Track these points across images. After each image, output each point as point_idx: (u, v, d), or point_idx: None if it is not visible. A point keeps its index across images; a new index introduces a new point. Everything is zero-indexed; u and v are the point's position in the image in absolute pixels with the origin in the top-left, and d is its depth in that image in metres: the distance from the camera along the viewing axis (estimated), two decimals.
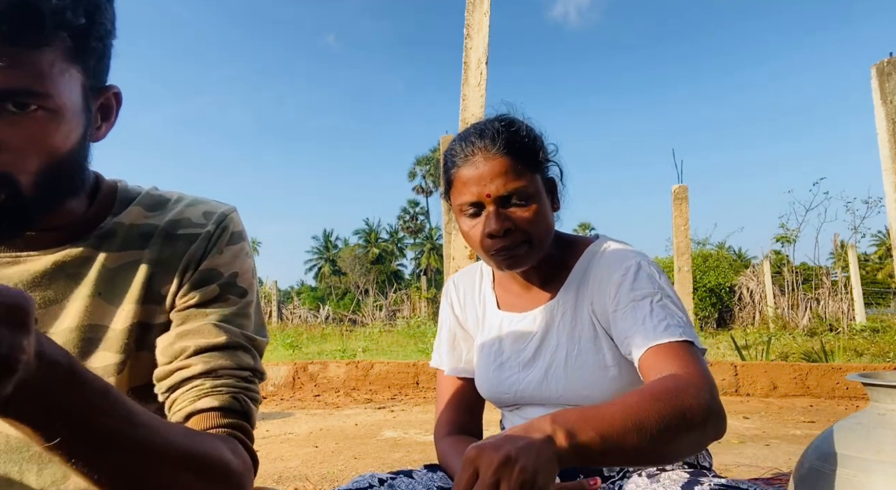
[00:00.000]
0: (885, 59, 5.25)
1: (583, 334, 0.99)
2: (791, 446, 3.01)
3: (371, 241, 48.73)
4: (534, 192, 0.96)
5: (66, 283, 0.72)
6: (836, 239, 13.04)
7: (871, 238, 35.47)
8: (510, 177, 0.94)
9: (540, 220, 0.96)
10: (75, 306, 0.72)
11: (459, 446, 1.04)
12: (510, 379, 1.04)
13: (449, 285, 1.20)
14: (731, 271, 14.57)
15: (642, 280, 0.93)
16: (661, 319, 0.88)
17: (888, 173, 5.15)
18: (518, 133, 0.97)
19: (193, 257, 0.76)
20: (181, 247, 0.76)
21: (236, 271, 0.78)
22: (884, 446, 0.66)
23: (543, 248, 0.99)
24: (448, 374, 1.14)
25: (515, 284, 1.10)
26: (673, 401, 0.72)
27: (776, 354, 6.54)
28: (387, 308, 16.52)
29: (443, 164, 1.03)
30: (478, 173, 0.95)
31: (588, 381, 0.97)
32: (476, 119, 4.50)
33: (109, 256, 0.74)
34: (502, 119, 1.00)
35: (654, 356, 0.85)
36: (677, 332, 0.86)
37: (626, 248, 1.02)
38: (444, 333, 1.18)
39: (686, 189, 7.61)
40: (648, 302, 0.90)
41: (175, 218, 0.78)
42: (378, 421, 4.03)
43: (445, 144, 6.94)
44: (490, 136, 0.96)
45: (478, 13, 4.49)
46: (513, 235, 0.95)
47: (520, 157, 0.96)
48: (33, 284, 0.71)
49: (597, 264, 1.01)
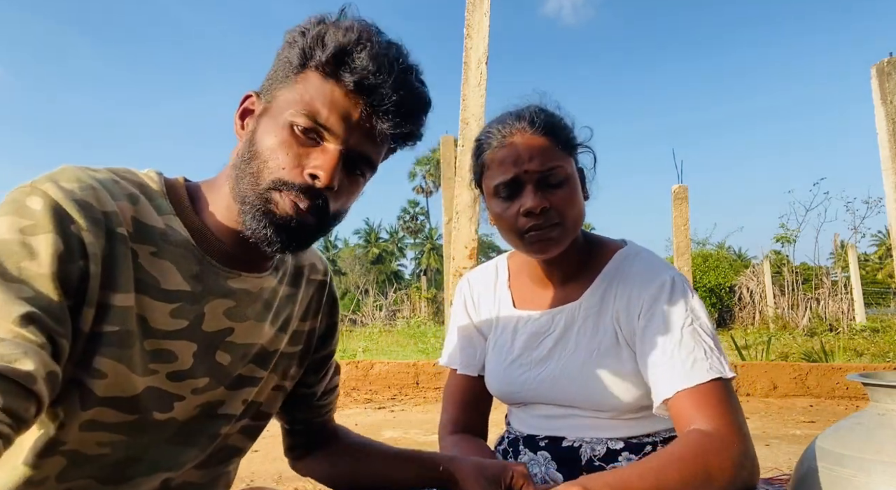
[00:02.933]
0: (885, 59, 5.25)
1: (604, 341, 0.98)
2: (791, 446, 3.01)
3: (371, 241, 48.69)
4: (569, 174, 0.97)
5: (263, 308, 0.83)
6: (836, 239, 13.05)
7: (871, 238, 35.47)
8: (548, 156, 0.95)
9: (575, 204, 0.96)
10: (266, 329, 0.83)
11: (463, 445, 1.04)
12: (522, 376, 1.04)
13: (463, 283, 1.19)
14: (731, 271, 14.57)
15: (677, 300, 0.92)
16: (689, 353, 0.87)
17: (888, 173, 5.15)
18: (555, 116, 1.00)
19: (322, 306, 0.95)
20: (310, 292, 0.92)
21: None
22: (884, 446, 0.66)
23: (575, 233, 0.99)
24: (459, 372, 1.14)
25: (534, 281, 1.09)
26: (697, 461, 0.74)
27: (776, 354, 6.54)
28: (387, 308, 16.51)
29: (475, 149, 1.03)
30: (516, 152, 0.95)
31: (603, 388, 0.96)
32: (476, 119, 4.50)
33: (284, 289, 0.87)
34: (536, 105, 1.02)
35: (682, 402, 0.84)
36: (703, 369, 0.85)
37: (658, 261, 1.01)
38: (455, 331, 1.17)
39: (686, 189, 7.62)
40: (679, 328, 0.90)
41: (309, 262, 0.93)
42: (378, 421, 4.03)
43: (445, 145, 6.93)
44: (528, 118, 0.97)
45: (478, 13, 4.49)
46: (548, 215, 0.94)
47: (557, 139, 0.97)
48: (253, 299, 0.81)
49: (626, 274, 0.99)
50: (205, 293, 0.74)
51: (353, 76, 0.70)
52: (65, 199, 0.63)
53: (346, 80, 0.71)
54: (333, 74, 0.71)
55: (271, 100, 0.75)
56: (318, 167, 0.71)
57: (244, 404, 0.83)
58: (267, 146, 0.72)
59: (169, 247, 0.72)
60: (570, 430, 0.99)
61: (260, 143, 0.73)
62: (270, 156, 0.72)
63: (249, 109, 0.78)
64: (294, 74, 0.74)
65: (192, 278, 0.73)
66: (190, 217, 0.76)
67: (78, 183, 0.66)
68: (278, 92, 0.74)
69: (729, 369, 0.86)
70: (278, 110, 0.73)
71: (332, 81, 0.72)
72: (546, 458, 0.99)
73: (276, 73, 0.76)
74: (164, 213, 0.73)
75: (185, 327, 0.73)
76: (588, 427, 0.98)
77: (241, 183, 0.73)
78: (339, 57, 0.71)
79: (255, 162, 0.72)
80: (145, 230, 0.70)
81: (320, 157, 0.71)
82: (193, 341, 0.74)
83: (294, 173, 0.71)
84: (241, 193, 0.73)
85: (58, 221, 0.62)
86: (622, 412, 0.96)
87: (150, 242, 0.70)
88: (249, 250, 0.78)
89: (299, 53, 0.73)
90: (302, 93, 0.72)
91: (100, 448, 0.70)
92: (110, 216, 0.67)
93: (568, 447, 0.98)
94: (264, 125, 0.74)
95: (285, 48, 0.75)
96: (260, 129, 0.74)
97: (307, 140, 0.72)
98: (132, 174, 0.75)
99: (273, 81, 0.76)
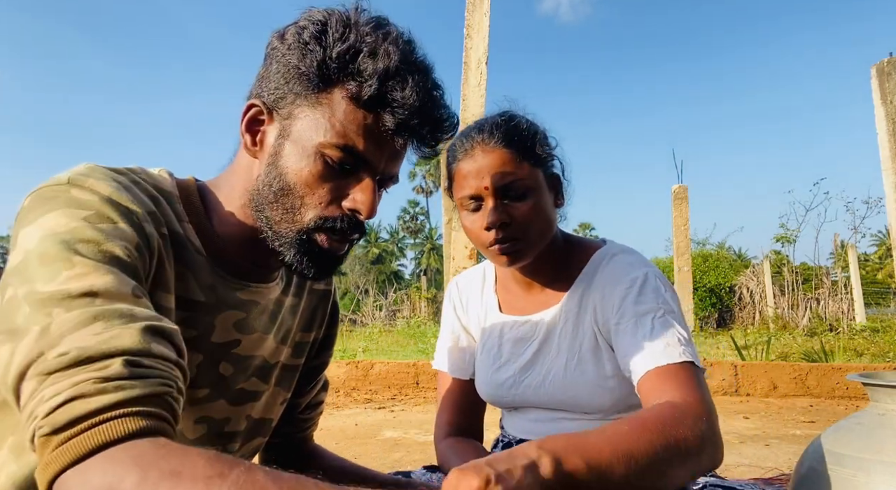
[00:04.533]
0: (885, 59, 5.25)
1: (584, 343, 0.98)
2: (791, 446, 3.01)
3: (371, 241, 48.70)
4: (532, 185, 0.96)
5: (269, 319, 0.81)
6: (836, 239, 13.04)
7: (871, 238, 35.48)
8: (508, 169, 0.94)
9: (538, 215, 0.96)
10: (269, 342, 0.81)
11: (459, 448, 1.04)
12: (508, 381, 1.04)
13: (452, 287, 1.19)
14: (731, 271, 14.56)
15: (647, 294, 0.92)
16: (661, 338, 0.86)
17: (888, 173, 5.15)
18: (517, 127, 0.98)
19: (325, 318, 0.93)
20: (313, 302, 0.91)
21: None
22: (884, 446, 0.66)
23: (542, 243, 0.98)
24: (450, 375, 1.14)
25: (518, 285, 1.09)
26: (666, 430, 0.70)
27: (776, 354, 6.54)
28: (387, 308, 16.50)
29: (445, 160, 1.04)
30: (476, 166, 0.95)
31: (586, 391, 0.96)
32: (476, 119, 4.49)
33: (288, 300, 0.85)
34: (503, 114, 1.00)
35: (653, 380, 0.83)
36: (676, 353, 0.84)
37: (633, 259, 1.00)
38: (446, 335, 1.17)
39: (686, 189, 7.62)
40: (650, 318, 0.89)
41: None
42: (378, 421, 4.02)
43: (445, 145, 6.94)
44: (488, 130, 0.96)
45: (478, 13, 4.48)
46: (510, 229, 0.94)
47: (518, 150, 0.96)
48: (261, 311, 0.79)
49: (603, 273, 0.99)
50: (218, 304, 0.72)
51: (395, 119, 0.66)
52: (115, 191, 0.60)
53: (388, 122, 0.66)
54: (368, 103, 0.66)
55: (289, 117, 0.68)
56: (361, 202, 0.68)
57: (247, 420, 0.81)
58: (301, 180, 0.67)
59: (188, 254, 0.70)
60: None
61: (291, 175, 0.68)
62: (306, 192, 0.68)
63: (258, 120, 0.71)
64: (314, 92, 0.67)
65: (206, 288, 0.71)
66: (203, 225, 0.73)
67: (114, 181, 0.62)
68: (297, 109, 0.68)
69: (700, 363, 0.85)
70: (304, 135, 0.67)
71: (365, 110, 0.66)
72: None
73: (285, 82, 0.68)
74: (180, 219, 0.70)
75: (194, 337, 0.70)
76: (577, 430, 0.98)
77: (275, 215, 0.69)
78: (380, 95, 0.65)
79: (289, 197, 0.68)
80: (171, 235, 0.68)
81: (359, 192, 0.69)
82: (200, 352, 0.71)
83: (333, 209, 0.69)
84: (276, 228, 0.70)
85: (121, 212, 0.59)
86: (609, 413, 0.97)
87: (175, 247, 0.68)
88: (258, 261, 0.76)
89: (320, 67, 0.66)
90: (330, 118, 0.66)
91: None
92: (155, 215, 0.64)
93: None
94: (290, 151, 0.68)
95: (294, 51, 0.67)
96: (285, 156, 0.68)
97: (342, 172, 0.68)
98: (148, 175, 0.71)
99: (283, 92, 0.69)
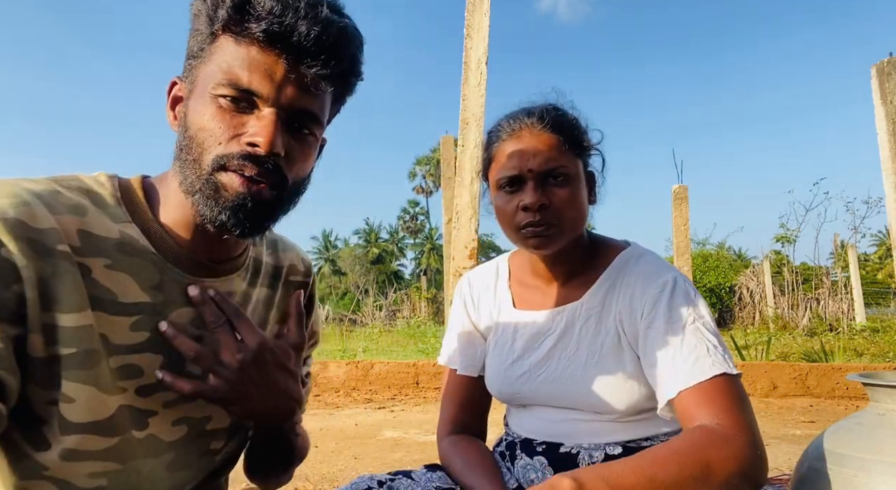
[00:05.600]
0: (885, 59, 5.25)
1: (606, 343, 0.97)
2: (791, 446, 3.01)
3: (371, 241, 48.66)
4: (574, 174, 0.97)
5: None
6: (836, 239, 13.05)
7: (871, 238, 35.44)
8: (553, 154, 0.95)
9: (575, 204, 0.96)
10: None
11: (462, 446, 1.03)
12: (522, 377, 1.03)
13: (463, 283, 1.18)
14: (731, 271, 14.57)
15: (678, 299, 0.91)
16: (692, 350, 0.85)
17: (888, 173, 5.15)
18: (566, 115, 1.00)
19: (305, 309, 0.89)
20: (289, 293, 0.89)
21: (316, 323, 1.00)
22: (884, 446, 0.66)
23: (573, 233, 0.98)
24: (459, 372, 1.13)
25: (537, 278, 1.08)
26: (696, 455, 0.73)
27: (776, 354, 6.54)
28: (387, 308, 16.50)
29: (485, 141, 1.05)
30: (522, 147, 0.96)
31: (604, 391, 0.95)
32: (476, 119, 4.49)
33: (259, 291, 0.84)
34: (550, 103, 1.02)
35: (687, 401, 0.83)
36: (706, 366, 0.83)
37: (661, 262, 1.00)
38: (455, 331, 1.16)
39: (686, 189, 7.62)
40: (680, 327, 0.88)
41: (289, 263, 0.91)
42: (378, 421, 4.03)
43: (445, 144, 6.93)
44: (538, 115, 0.97)
45: (478, 13, 4.48)
46: (546, 213, 0.94)
47: (566, 138, 0.97)
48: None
49: (629, 275, 0.99)
50: (167, 303, 0.71)
51: (259, 24, 0.64)
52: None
53: (255, 30, 0.65)
54: (242, 31, 0.66)
55: (194, 80, 0.70)
56: (255, 135, 0.66)
57: (231, 415, 0.80)
58: (199, 127, 0.67)
59: (125, 258, 0.68)
60: (568, 435, 0.99)
61: (192, 127, 0.68)
62: (205, 136, 0.67)
63: (178, 97, 0.73)
64: (208, 45, 0.69)
65: (152, 289, 0.70)
66: (147, 222, 0.72)
67: (10, 199, 0.61)
68: (198, 69, 0.69)
69: (733, 366, 0.85)
70: (202, 88, 0.68)
71: (244, 40, 0.66)
72: (543, 463, 0.98)
73: (191, 50, 0.71)
74: (118, 221, 0.69)
75: (147, 340, 0.69)
76: (587, 431, 0.97)
77: (186, 173, 0.69)
78: (239, 7, 0.65)
79: (192, 147, 0.68)
80: (96, 242, 0.66)
81: (256, 123, 0.66)
82: (159, 353, 0.71)
83: (232, 145, 0.67)
84: (189, 184, 0.68)
85: None
86: (622, 415, 0.96)
87: (103, 255, 0.66)
88: (213, 250, 0.75)
89: (206, 20, 0.68)
90: (219, 62, 0.67)
91: (94, 480, 0.67)
92: (47, 233, 0.62)
93: (566, 453, 0.97)
94: (192, 107, 0.69)
95: (193, 21, 0.70)
96: (189, 113, 0.69)
97: (238, 110, 0.67)
98: (78, 181, 0.70)
99: (191, 60, 0.71)
